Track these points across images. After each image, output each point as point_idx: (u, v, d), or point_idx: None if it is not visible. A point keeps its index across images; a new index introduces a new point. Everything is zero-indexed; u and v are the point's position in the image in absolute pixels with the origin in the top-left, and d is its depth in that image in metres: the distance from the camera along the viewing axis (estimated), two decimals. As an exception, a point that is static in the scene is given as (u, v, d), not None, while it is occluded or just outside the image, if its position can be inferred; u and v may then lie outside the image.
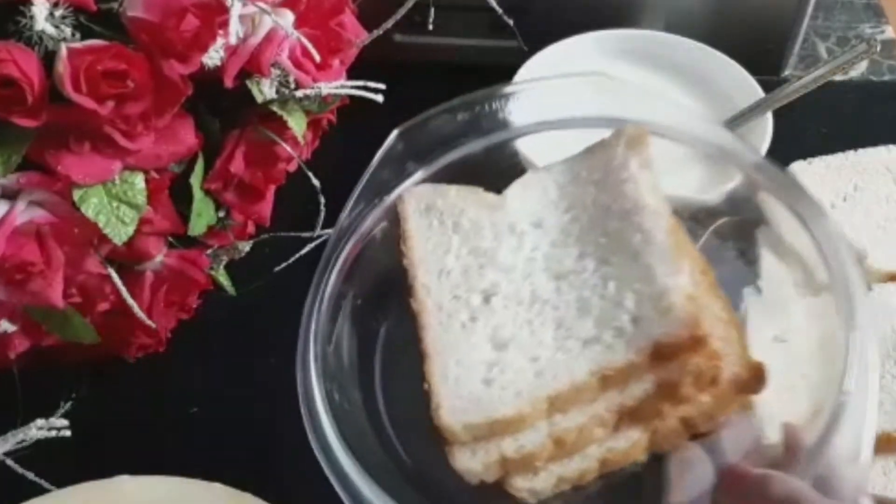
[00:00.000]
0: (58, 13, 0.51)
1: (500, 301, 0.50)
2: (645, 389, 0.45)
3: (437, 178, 0.56)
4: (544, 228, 0.53)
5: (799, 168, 0.75)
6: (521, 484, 0.45)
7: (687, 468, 0.46)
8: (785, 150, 0.75)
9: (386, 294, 0.54)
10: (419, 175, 0.56)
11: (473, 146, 0.57)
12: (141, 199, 0.56)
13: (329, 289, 0.51)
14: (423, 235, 0.53)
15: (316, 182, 0.65)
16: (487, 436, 0.45)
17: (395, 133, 0.56)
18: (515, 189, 0.55)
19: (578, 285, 0.50)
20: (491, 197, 0.55)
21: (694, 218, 0.55)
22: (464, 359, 0.48)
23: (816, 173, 0.75)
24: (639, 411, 0.45)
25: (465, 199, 0.55)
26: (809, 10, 0.85)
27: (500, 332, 0.49)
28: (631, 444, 0.45)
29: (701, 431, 0.46)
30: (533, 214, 0.54)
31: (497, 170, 0.57)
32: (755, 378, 0.45)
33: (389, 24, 0.65)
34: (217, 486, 0.56)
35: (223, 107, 0.61)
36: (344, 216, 0.54)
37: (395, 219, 0.55)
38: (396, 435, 0.50)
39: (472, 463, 0.45)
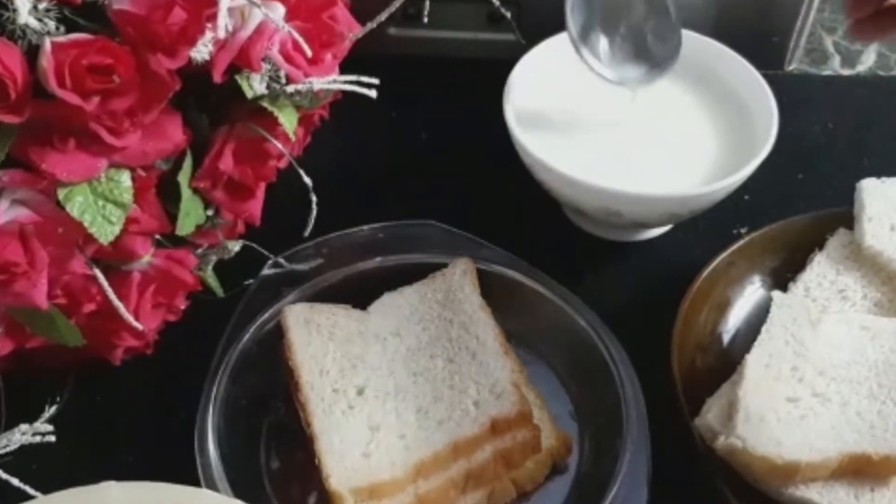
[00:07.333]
0: (42, 6, 0.50)
1: (372, 393, 0.63)
2: (486, 458, 0.60)
3: (307, 298, 0.69)
4: (402, 336, 0.67)
5: (871, 185, 0.74)
6: None
7: None
8: (790, 145, 0.74)
9: (265, 395, 0.66)
10: (292, 297, 0.68)
11: (335, 274, 0.70)
12: (127, 197, 0.55)
13: (221, 391, 0.62)
14: (303, 342, 0.65)
15: (307, 180, 0.64)
16: (368, 498, 0.58)
17: (269, 262, 0.69)
18: (376, 307, 0.69)
19: (431, 379, 0.64)
20: (357, 312, 0.69)
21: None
22: (346, 438, 0.60)
23: (887, 194, 0.73)
24: (481, 475, 0.60)
25: (337, 314, 0.68)
26: (816, 2, 0.84)
27: (374, 417, 0.62)
28: (475, 502, 0.60)
29: (527, 490, 0.61)
30: (392, 326, 0.67)
31: (354, 292, 0.69)
32: (565, 446, 0.62)
33: (383, 16, 0.64)
34: (205, 492, 0.55)
35: (212, 102, 0.60)
36: (229, 328, 0.65)
37: (269, 333, 0.67)
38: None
39: None
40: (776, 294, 0.67)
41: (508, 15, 0.78)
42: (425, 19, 0.72)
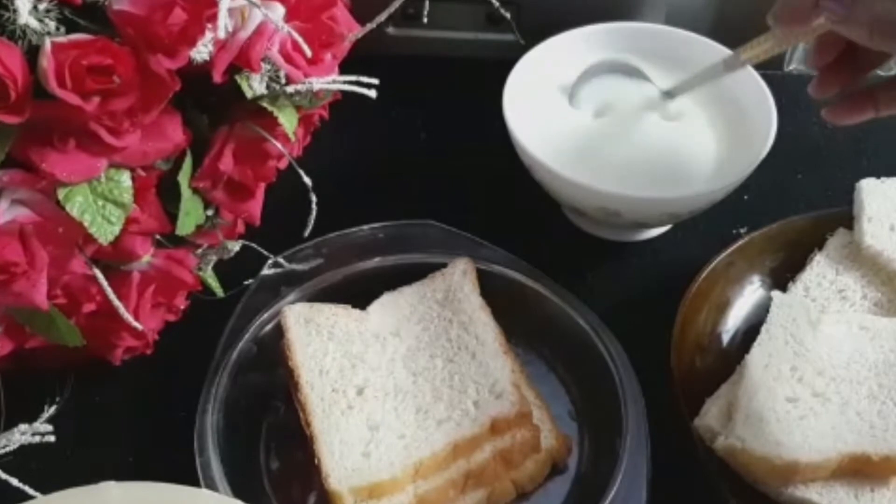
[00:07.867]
0: (42, 6, 0.50)
1: (371, 392, 0.63)
2: (485, 458, 0.60)
3: (307, 298, 0.69)
4: (401, 336, 0.67)
5: (870, 185, 0.74)
6: None
7: None
8: (789, 145, 0.74)
9: (265, 395, 0.66)
10: (292, 296, 0.69)
11: (335, 274, 0.70)
12: (127, 197, 0.55)
13: (221, 391, 0.63)
14: (303, 342, 0.65)
15: (307, 180, 0.64)
16: (367, 498, 0.58)
17: (269, 262, 0.69)
18: (376, 306, 0.69)
19: (431, 378, 0.64)
20: (357, 312, 0.69)
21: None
22: (345, 438, 0.60)
23: (886, 194, 0.73)
24: (481, 475, 0.60)
25: (337, 314, 0.68)
26: (814, 3, 0.84)
27: (373, 417, 0.62)
28: (475, 502, 0.60)
29: (527, 490, 0.61)
30: (392, 326, 0.67)
31: (354, 292, 0.69)
32: (565, 446, 0.62)
33: (383, 17, 0.64)
34: (204, 492, 0.55)
35: (212, 103, 0.60)
36: (228, 328, 0.66)
37: (269, 333, 0.67)
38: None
39: None
40: (776, 294, 0.67)
41: (508, 15, 0.78)
42: (425, 19, 0.72)
